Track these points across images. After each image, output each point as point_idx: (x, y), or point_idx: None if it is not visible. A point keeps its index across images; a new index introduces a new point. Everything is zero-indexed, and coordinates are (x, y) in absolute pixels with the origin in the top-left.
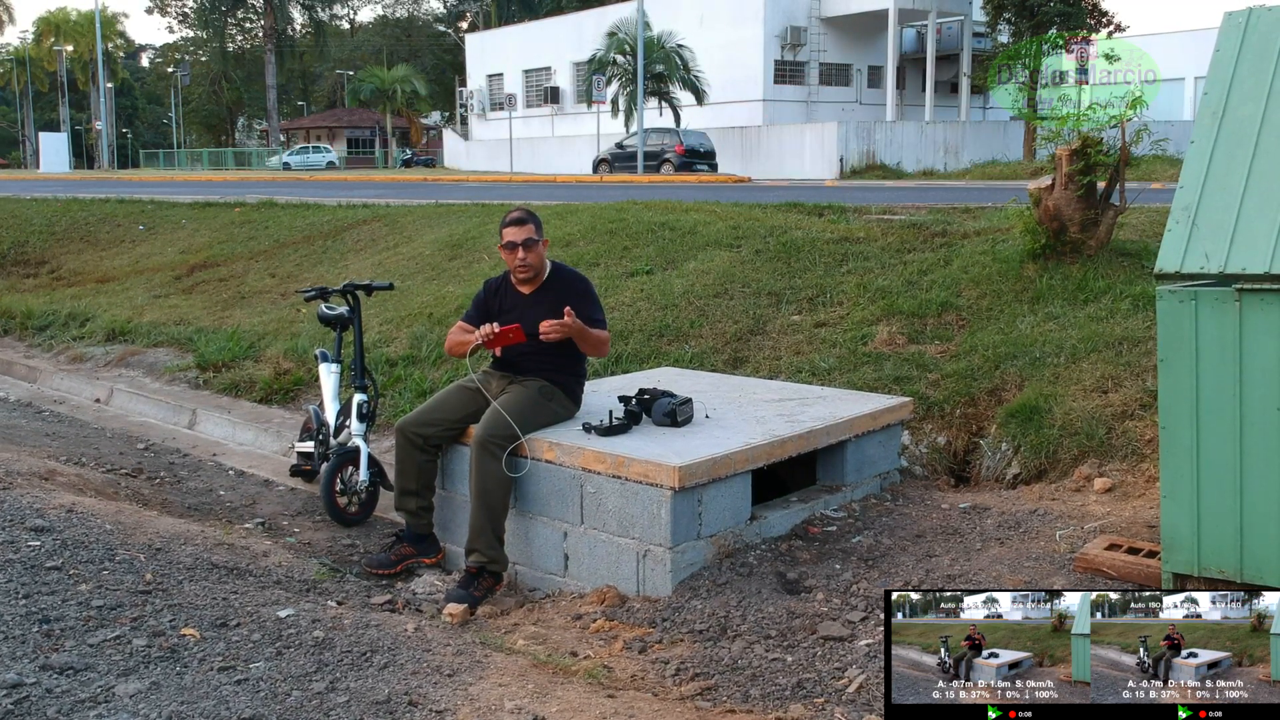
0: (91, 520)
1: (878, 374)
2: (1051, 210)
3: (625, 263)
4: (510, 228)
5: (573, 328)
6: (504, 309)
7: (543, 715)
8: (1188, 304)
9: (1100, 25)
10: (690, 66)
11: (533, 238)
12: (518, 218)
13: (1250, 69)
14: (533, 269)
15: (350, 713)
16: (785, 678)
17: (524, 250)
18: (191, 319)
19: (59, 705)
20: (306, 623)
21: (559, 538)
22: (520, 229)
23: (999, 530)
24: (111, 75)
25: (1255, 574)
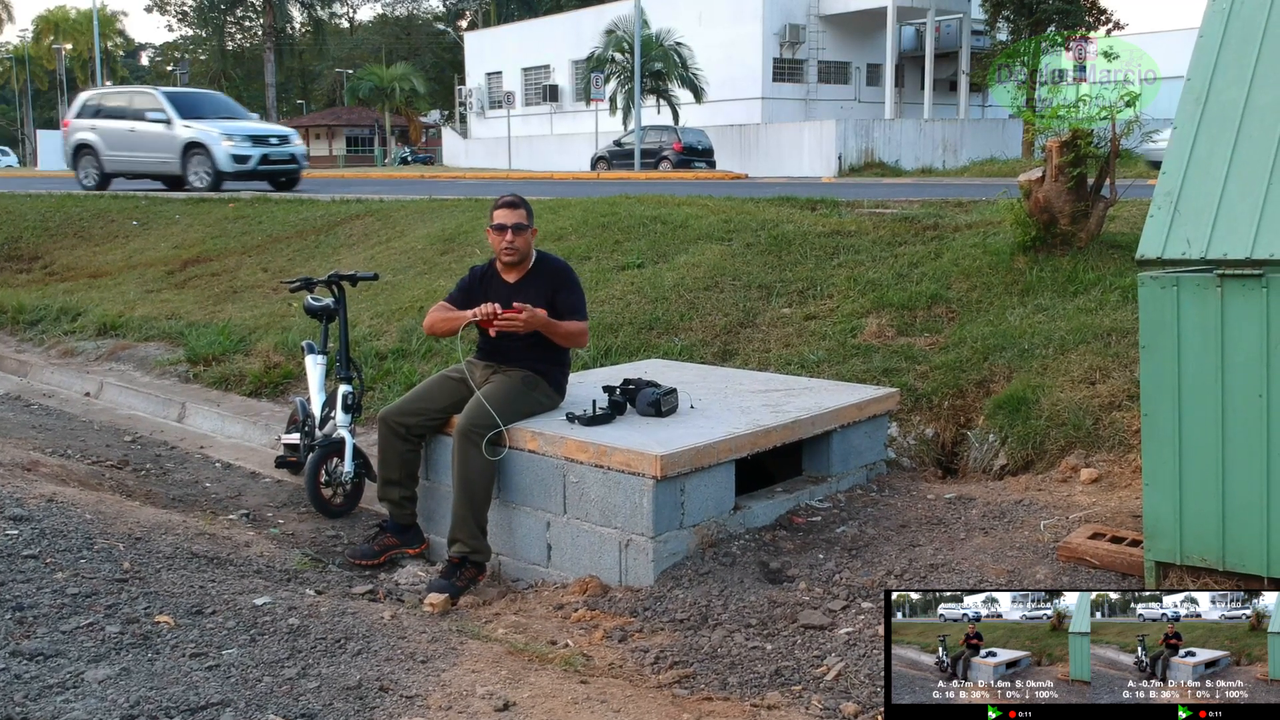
0: (71, 510)
1: (867, 366)
2: (1042, 202)
3: (616, 256)
4: (502, 210)
5: (533, 321)
6: (488, 296)
7: (514, 700)
8: (1169, 290)
9: (1099, 23)
10: (689, 64)
11: (523, 223)
12: (510, 201)
13: (1234, 54)
14: (519, 253)
15: (320, 698)
16: (764, 666)
17: (513, 233)
18: (183, 313)
19: (26, 690)
20: (282, 610)
21: (542, 528)
22: (512, 212)
23: (984, 520)
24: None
25: (1238, 561)
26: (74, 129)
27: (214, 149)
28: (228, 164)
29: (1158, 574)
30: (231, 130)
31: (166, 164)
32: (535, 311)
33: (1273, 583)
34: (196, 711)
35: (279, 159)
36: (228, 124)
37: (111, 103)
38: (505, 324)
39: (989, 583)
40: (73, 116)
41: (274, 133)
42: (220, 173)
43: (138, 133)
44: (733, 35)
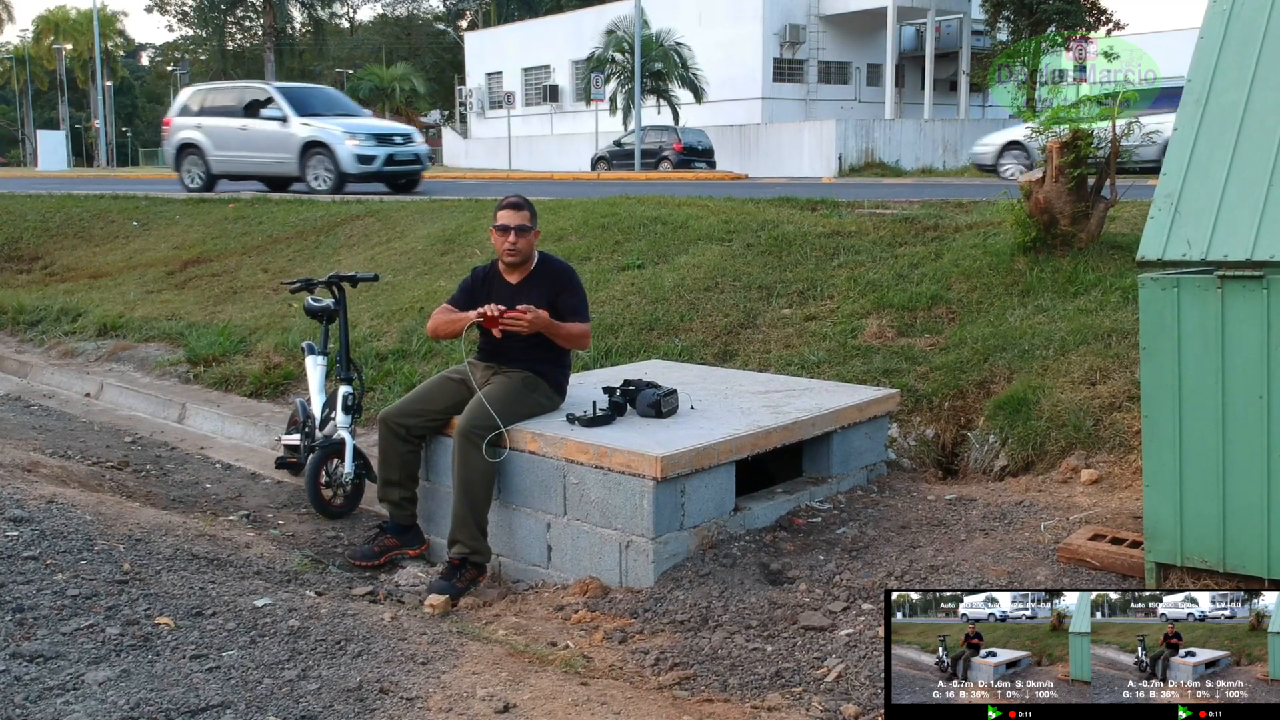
0: (72, 511)
1: (867, 367)
2: (1042, 203)
3: (617, 257)
4: (506, 210)
5: (537, 322)
6: (491, 297)
7: (514, 702)
8: (1170, 291)
9: (1099, 23)
10: (689, 64)
11: (526, 225)
12: (514, 202)
13: (1234, 56)
14: (521, 254)
15: (320, 699)
16: (764, 667)
17: (516, 235)
18: (183, 314)
19: (26, 693)
20: (283, 612)
21: (542, 529)
22: (516, 213)
23: (984, 521)
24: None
25: (1238, 563)
26: (176, 127)
27: (337, 149)
28: (352, 165)
29: (1158, 575)
30: (355, 128)
31: (283, 164)
32: (539, 313)
33: (1273, 584)
34: (197, 713)
35: (404, 159)
36: (349, 121)
37: (218, 100)
38: (510, 324)
39: (990, 584)
40: (174, 114)
41: (397, 131)
42: (343, 174)
43: (250, 131)
44: (733, 35)
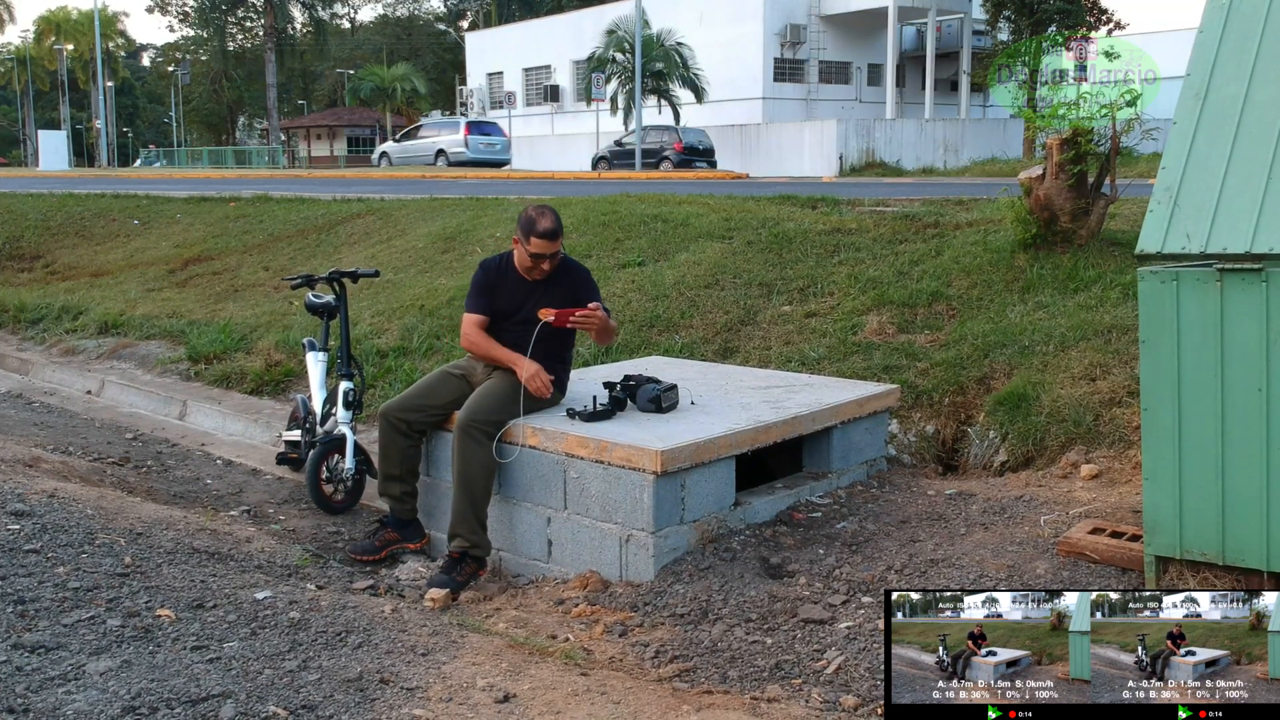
0: (73, 505)
1: (867, 363)
2: (1042, 200)
3: (617, 254)
4: (543, 240)
5: (604, 318)
6: (512, 295)
7: (514, 692)
8: (1169, 284)
9: (1100, 23)
10: (689, 64)
11: (559, 251)
12: (552, 230)
13: (1233, 50)
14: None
15: (321, 690)
16: (764, 659)
17: (549, 263)
18: (184, 312)
19: (28, 683)
20: (283, 604)
21: (542, 523)
22: (553, 243)
23: (984, 516)
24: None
25: (1237, 556)
26: None
27: None
28: None
29: (1158, 569)
30: None
31: None
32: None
33: (1272, 576)
34: (197, 703)
35: None
36: None
37: None
38: (582, 323)
39: (989, 578)
40: None
41: None
42: None
43: None
44: (733, 35)
